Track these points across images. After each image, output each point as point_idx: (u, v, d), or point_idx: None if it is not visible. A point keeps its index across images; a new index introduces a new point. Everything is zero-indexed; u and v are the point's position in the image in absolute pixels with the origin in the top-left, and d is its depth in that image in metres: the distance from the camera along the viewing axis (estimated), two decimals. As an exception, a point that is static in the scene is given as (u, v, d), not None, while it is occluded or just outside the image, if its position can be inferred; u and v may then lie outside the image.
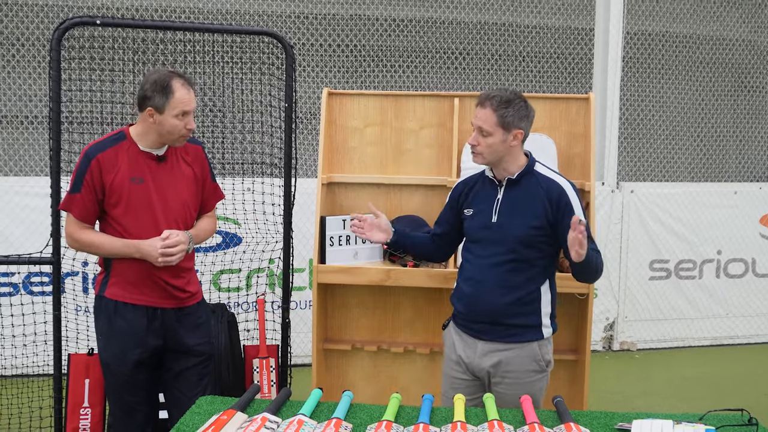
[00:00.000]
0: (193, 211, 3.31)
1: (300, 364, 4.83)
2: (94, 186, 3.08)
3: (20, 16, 5.74)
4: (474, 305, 3.07)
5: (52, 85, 3.67)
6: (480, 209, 3.08)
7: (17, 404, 4.50)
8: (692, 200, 6.39)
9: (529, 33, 6.54)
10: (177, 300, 3.24)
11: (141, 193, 3.11)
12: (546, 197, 2.98)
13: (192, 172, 3.27)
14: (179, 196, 3.21)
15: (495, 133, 2.94)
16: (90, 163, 3.08)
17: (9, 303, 4.70)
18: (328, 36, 6.19)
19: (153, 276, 3.15)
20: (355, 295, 4.12)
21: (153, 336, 3.20)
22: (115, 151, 3.11)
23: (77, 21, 3.69)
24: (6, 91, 5.82)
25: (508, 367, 3.03)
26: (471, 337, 3.10)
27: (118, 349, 3.18)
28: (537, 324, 3.05)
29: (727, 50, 6.86)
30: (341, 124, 4.10)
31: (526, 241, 2.98)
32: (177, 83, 3.05)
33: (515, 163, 3.03)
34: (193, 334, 3.30)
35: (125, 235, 3.12)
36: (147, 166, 3.14)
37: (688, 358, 6.33)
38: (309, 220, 4.20)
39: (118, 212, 3.12)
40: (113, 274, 3.18)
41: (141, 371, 3.23)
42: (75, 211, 3.12)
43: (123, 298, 3.16)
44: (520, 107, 2.96)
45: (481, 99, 2.98)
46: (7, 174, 5.78)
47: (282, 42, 3.96)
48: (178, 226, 3.19)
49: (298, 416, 2.36)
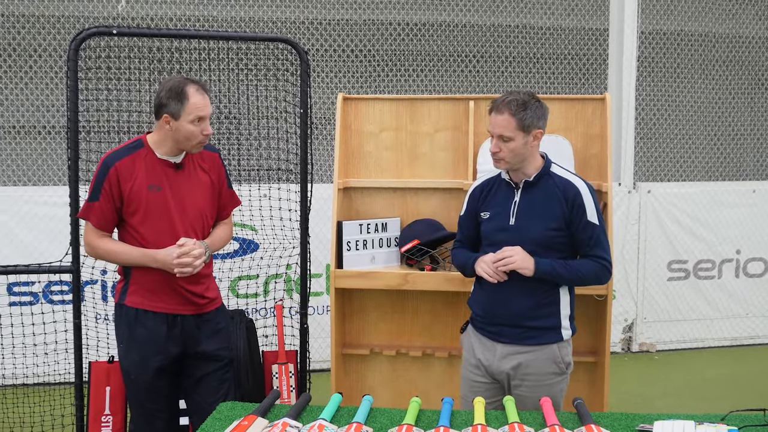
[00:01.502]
0: (210, 219, 3.32)
1: (318, 370, 4.83)
2: (112, 194, 3.09)
3: (37, 28, 5.80)
4: (493, 308, 3.07)
5: (69, 95, 3.70)
6: (497, 212, 3.07)
7: (39, 412, 4.54)
8: (710, 200, 6.34)
9: (543, 34, 6.52)
10: (196, 306, 3.25)
11: (158, 201, 3.12)
12: (563, 198, 2.97)
13: (209, 179, 3.28)
14: (196, 203, 3.22)
15: (516, 137, 2.92)
16: (108, 171, 3.09)
17: (30, 312, 4.73)
18: (342, 41, 6.21)
19: (172, 283, 3.16)
20: (372, 300, 4.13)
21: (173, 343, 3.21)
22: (133, 159, 3.12)
23: (94, 31, 3.72)
24: (24, 102, 5.88)
25: (528, 370, 3.02)
26: (490, 340, 3.09)
27: (139, 356, 3.19)
28: (556, 326, 3.04)
29: (743, 48, 6.81)
30: (356, 129, 4.11)
31: (544, 243, 2.97)
32: (191, 89, 3.06)
33: (533, 165, 3.03)
34: (213, 339, 3.30)
35: (143, 243, 3.13)
36: (164, 174, 3.15)
37: (708, 358, 6.28)
38: (326, 225, 4.21)
39: (136, 220, 3.13)
40: (132, 282, 3.19)
41: (161, 378, 3.23)
42: (93, 219, 3.13)
43: (143, 305, 3.17)
44: (537, 107, 2.95)
45: (497, 105, 2.95)
46: (26, 184, 5.84)
47: (296, 48, 3.97)
48: (195, 233, 3.20)
49: (319, 421, 2.36)
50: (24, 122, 5.92)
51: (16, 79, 5.85)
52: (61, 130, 5.83)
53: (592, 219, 2.97)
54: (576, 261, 3.01)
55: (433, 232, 3.84)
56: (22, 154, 5.92)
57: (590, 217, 2.96)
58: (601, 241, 2.99)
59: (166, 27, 5.88)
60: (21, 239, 5.39)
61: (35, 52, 5.82)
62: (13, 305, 5.15)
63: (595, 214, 2.98)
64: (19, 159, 5.90)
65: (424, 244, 3.82)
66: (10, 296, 5.26)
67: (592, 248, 2.98)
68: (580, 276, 2.99)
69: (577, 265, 2.98)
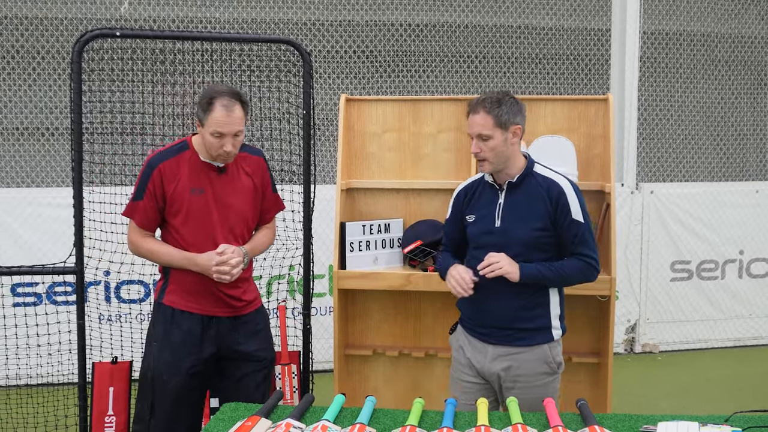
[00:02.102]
0: (252, 223, 3.35)
1: (321, 370, 4.84)
2: (156, 194, 3.14)
3: (40, 30, 5.82)
4: (483, 310, 3.06)
5: (73, 97, 3.71)
6: (482, 215, 3.06)
7: (43, 413, 4.55)
8: (713, 200, 6.34)
9: (545, 35, 6.52)
10: (232, 309, 3.26)
11: (200, 204, 3.16)
12: (547, 197, 2.97)
13: (252, 183, 3.30)
14: (238, 207, 3.24)
15: (494, 134, 2.92)
16: (152, 172, 3.14)
17: (34, 313, 4.75)
18: (345, 42, 6.21)
19: (209, 286, 3.18)
20: (375, 301, 4.13)
21: (207, 344, 3.23)
22: (178, 161, 3.16)
23: (97, 33, 3.73)
24: (27, 103, 5.89)
25: (519, 371, 3.01)
26: (480, 342, 3.09)
27: (172, 357, 3.20)
28: (547, 326, 3.04)
29: (746, 48, 6.81)
30: (359, 130, 4.12)
31: (530, 244, 2.97)
32: (219, 102, 3.04)
33: (515, 166, 3.02)
34: (252, 341, 3.32)
35: (183, 244, 3.17)
36: (207, 177, 3.18)
37: (712, 359, 6.27)
38: (329, 226, 4.21)
39: (178, 222, 3.17)
40: (171, 282, 3.24)
41: (191, 381, 3.23)
42: (137, 218, 3.19)
43: (180, 305, 3.21)
44: (512, 103, 2.96)
45: (472, 105, 2.97)
46: (30, 185, 5.85)
47: (299, 49, 3.98)
48: (235, 237, 3.23)
49: (322, 422, 2.36)
50: (28, 124, 5.93)
51: (20, 81, 5.86)
52: (64, 131, 5.85)
53: (577, 217, 2.96)
54: (561, 262, 2.99)
55: (435, 233, 3.85)
56: (26, 155, 5.93)
57: (575, 216, 2.95)
58: (586, 239, 2.98)
59: (168, 28, 5.89)
60: (25, 240, 5.40)
61: (38, 54, 5.84)
62: (17, 306, 5.15)
63: (580, 212, 2.97)
64: (23, 160, 5.91)
65: (427, 244, 3.83)
66: (14, 297, 5.28)
67: (578, 246, 2.97)
68: (567, 276, 2.98)
69: (562, 266, 2.97)
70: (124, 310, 5.48)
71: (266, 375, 3.41)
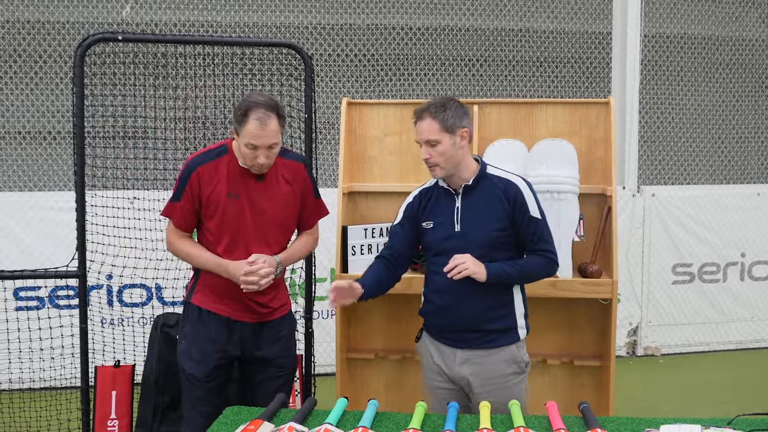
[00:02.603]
0: (290, 230, 3.35)
1: (324, 374, 4.84)
2: (193, 197, 3.15)
3: (42, 34, 5.83)
4: (449, 316, 3.06)
5: (75, 101, 3.72)
6: (440, 220, 3.07)
7: (46, 417, 4.56)
8: (714, 203, 6.34)
9: (546, 38, 6.53)
10: (258, 315, 3.26)
11: (235, 209, 3.15)
12: (504, 197, 2.99)
13: (291, 190, 3.27)
14: (274, 215, 3.23)
15: (442, 139, 2.95)
16: (191, 174, 3.15)
17: (36, 317, 4.75)
18: (346, 46, 6.23)
19: (236, 290, 3.16)
20: (377, 304, 4.13)
21: (233, 346, 3.24)
22: (216, 165, 3.16)
23: (100, 37, 3.74)
24: (30, 107, 5.91)
25: (489, 374, 3.02)
26: (448, 347, 3.09)
27: (198, 354, 3.22)
28: (513, 326, 3.06)
29: (746, 51, 6.82)
30: (361, 134, 4.12)
31: (491, 245, 2.98)
32: (254, 115, 3.00)
33: (468, 169, 3.04)
34: (274, 347, 3.31)
35: (216, 247, 3.18)
36: (244, 183, 3.17)
37: (714, 362, 6.27)
38: (330, 229, 4.21)
39: (212, 225, 3.18)
40: (200, 282, 3.25)
41: (218, 378, 3.23)
42: (174, 218, 3.21)
43: (206, 305, 3.23)
44: (456, 107, 2.99)
45: (417, 113, 3.01)
46: (32, 189, 5.86)
47: (301, 53, 3.99)
48: (268, 244, 3.22)
49: (325, 425, 2.37)
50: (30, 128, 5.95)
51: (22, 85, 5.88)
52: (67, 135, 5.86)
53: (535, 214, 2.99)
54: (524, 259, 3.02)
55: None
56: (28, 159, 5.94)
57: (533, 213, 2.99)
58: (544, 235, 3.02)
59: (170, 32, 5.90)
60: (27, 244, 5.41)
61: (41, 58, 5.85)
62: (19, 310, 5.16)
63: (537, 210, 3.01)
64: (25, 164, 5.92)
65: (429, 248, 3.82)
66: (16, 301, 5.28)
67: (538, 243, 3.00)
68: (530, 273, 3.02)
69: (525, 263, 3.01)
70: (126, 313, 5.48)
71: (286, 381, 3.40)
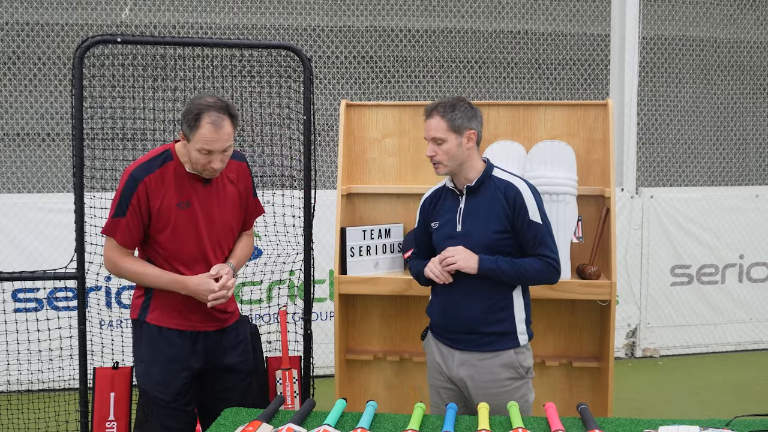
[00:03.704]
0: (236, 232, 3.25)
1: (322, 375, 4.85)
2: (141, 211, 2.95)
3: (41, 36, 5.83)
4: (448, 316, 3.08)
5: (74, 103, 3.72)
6: (445, 220, 3.10)
7: (44, 418, 4.55)
8: (713, 204, 6.35)
9: (544, 40, 6.54)
10: (219, 322, 3.18)
11: (187, 218, 3.02)
12: (504, 199, 3.00)
13: (237, 191, 3.18)
14: (225, 218, 3.13)
15: (448, 138, 2.98)
16: (137, 186, 2.93)
17: (35, 318, 4.75)
18: (345, 48, 6.23)
19: (196, 301, 3.06)
20: (376, 305, 4.14)
21: (196, 359, 3.13)
22: (162, 174, 2.98)
23: (98, 39, 3.74)
24: (29, 109, 5.91)
25: (485, 377, 3.02)
26: (447, 347, 3.11)
27: (161, 375, 3.09)
28: (512, 331, 3.04)
29: (744, 53, 6.83)
30: (360, 135, 4.13)
31: (491, 247, 2.98)
32: (207, 119, 2.84)
33: (474, 170, 3.06)
34: (234, 352, 3.24)
35: (168, 259, 3.03)
36: (192, 189, 3.03)
37: (712, 364, 6.27)
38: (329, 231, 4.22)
39: (164, 237, 3.01)
40: (154, 299, 3.08)
41: (185, 396, 3.13)
42: (118, 236, 2.98)
43: (166, 323, 3.07)
44: (466, 109, 3.02)
45: (427, 110, 3.05)
46: (31, 191, 5.86)
47: (299, 55, 3.99)
48: (221, 249, 3.14)
49: (324, 426, 2.37)
50: (29, 129, 5.94)
51: (21, 87, 5.88)
52: (66, 137, 5.86)
53: (535, 218, 2.98)
54: (522, 259, 3.01)
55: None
56: (27, 161, 5.94)
57: (533, 217, 2.98)
58: (545, 240, 3.00)
59: (169, 35, 5.90)
60: (26, 246, 5.41)
61: (39, 60, 5.85)
62: (18, 311, 5.15)
63: (538, 214, 3.00)
64: (24, 166, 5.92)
65: (428, 249, 3.83)
66: (15, 303, 5.28)
67: (537, 247, 2.99)
68: (525, 273, 2.98)
69: (522, 263, 2.98)
70: (125, 315, 5.48)
71: (248, 387, 3.33)
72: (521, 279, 3.02)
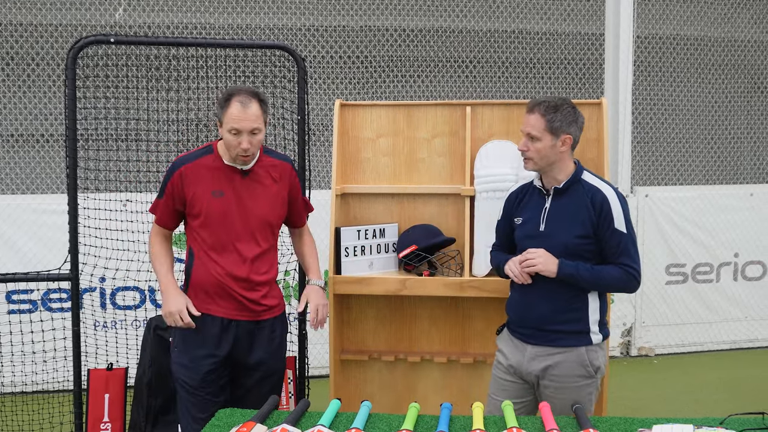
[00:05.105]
0: (276, 227, 3.33)
1: (317, 376, 4.84)
2: (174, 195, 3.17)
3: (35, 36, 5.82)
4: (521, 312, 3.12)
5: (68, 103, 3.71)
6: (528, 218, 3.11)
7: (38, 420, 4.54)
8: (708, 203, 6.36)
9: (539, 39, 6.55)
10: (252, 313, 3.23)
11: (220, 207, 3.15)
12: (590, 205, 2.99)
13: (277, 188, 3.28)
14: (261, 211, 3.22)
15: (543, 138, 2.97)
16: (174, 173, 3.17)
17: (29, 320, 4.74)
18: (339, 48, 6.23)
19: (227, 288, 3.17)
20: (371, 305, 4.13)
21: (221, 346, 3.19)
22: (200, 164, 3.18)
23: (92, 40, 3.73)
24: (22, 110, 5.89)
25: (555, 371, 3.03)
26: (521, 342, 3.13)
27: (188, 360, 3.19)
28: (584, 330, 3.04)
29: (739, 51, 6.84)
30: (354, 135, 4.12)
31: (572, 251, 2.98)
32: (236, 99, 3.05)
33: (563, 171, 3.05)
34: (265, 349, 3.27)
35: (203, 246, 3.18)
36: (229, 180, 3.18)
37: (707, 362, 6.28)
38: (324, 231, 4.21)
39: (198, 224, 3.18)
40: (191, 285, 3.23)
41: (211, 385, 3.19)
42: (157, 214, 3.26)
43: (199, 308, 3.19)
44: (568, 113, 2.99)
45: (530, 105, 3.03)
46: (25, 192, 5.85)
47: (293, 55, 3.99)
48: (255, 240, 3.21)
49: (318, 427, 2.37)
50: (23, 130, 5.93)
51: (15, 88, 5.87)
52: (59, 138, 5.85)
53: (620, 227, 2.97)
54: (602, 266, 3.00)
55: (430, 238, 3.85)
56: (20, 162, 5.93)
57: (618, 225, 2.96)
58: (628, 250, 2.99)
59: (163, 35, 5.89)
60: (20, 247, 5.39)
61: (33, 60, 5.84)
62: (12, 313, 5.14)
63: (623, 223, 2.98)
64: (18, 167, 5.91)
65: (422, 249, 3.83)
66: (8, 304, 5.26)
67: (619, 256, 2.98)
68: (603, 281, 2.99)
69: (602, 270, 2.98)
70: (119, 316, 5.47)
71: (276, 385, 3.37)
72: (599, 286, 3.03)
